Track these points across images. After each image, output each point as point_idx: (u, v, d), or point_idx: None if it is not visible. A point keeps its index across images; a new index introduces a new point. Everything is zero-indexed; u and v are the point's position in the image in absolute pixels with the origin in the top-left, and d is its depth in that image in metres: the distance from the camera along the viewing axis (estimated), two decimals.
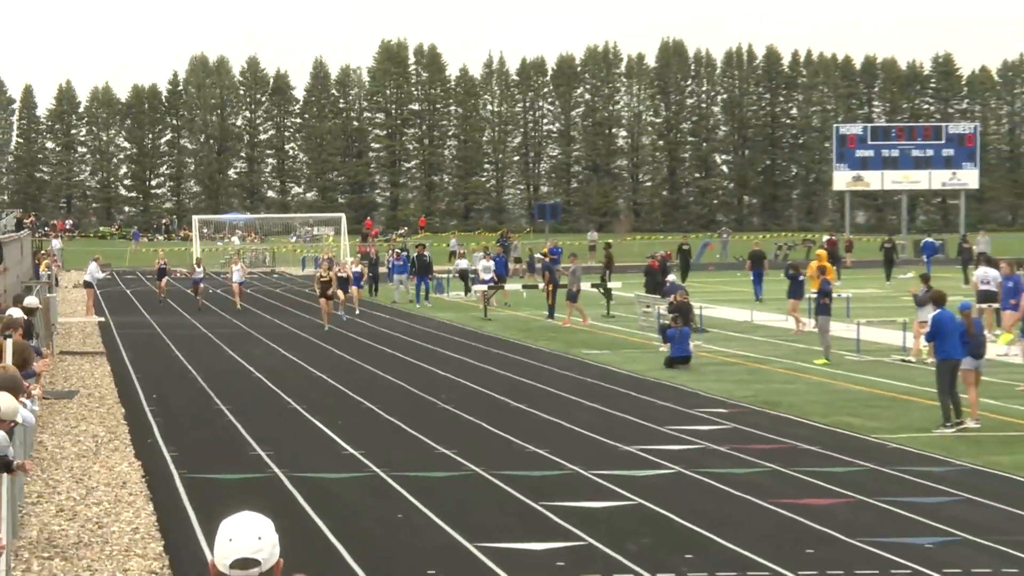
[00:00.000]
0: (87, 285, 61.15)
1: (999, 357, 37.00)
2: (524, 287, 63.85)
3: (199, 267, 64.36)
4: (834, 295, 41.36)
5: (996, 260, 44.42)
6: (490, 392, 32.81)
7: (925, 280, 39.23)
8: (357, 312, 55.01)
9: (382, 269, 71.36)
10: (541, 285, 56.24)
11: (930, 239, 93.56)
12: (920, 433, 25.96)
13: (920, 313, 37.52)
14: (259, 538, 5.98)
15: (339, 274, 51.84)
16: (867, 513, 19.28)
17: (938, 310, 27.08)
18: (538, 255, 57.48)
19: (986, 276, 42.66)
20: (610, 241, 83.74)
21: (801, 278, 47.95)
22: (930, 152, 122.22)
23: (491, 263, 62.83)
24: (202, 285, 62.17)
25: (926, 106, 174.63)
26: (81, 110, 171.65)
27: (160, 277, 67.16)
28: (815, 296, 40.67)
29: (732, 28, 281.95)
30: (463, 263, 71.44)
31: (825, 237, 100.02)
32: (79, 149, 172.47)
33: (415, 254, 68.25)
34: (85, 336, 49.58)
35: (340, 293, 50.81)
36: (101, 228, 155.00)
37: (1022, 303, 37.53)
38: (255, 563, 5.95)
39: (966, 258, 77.13)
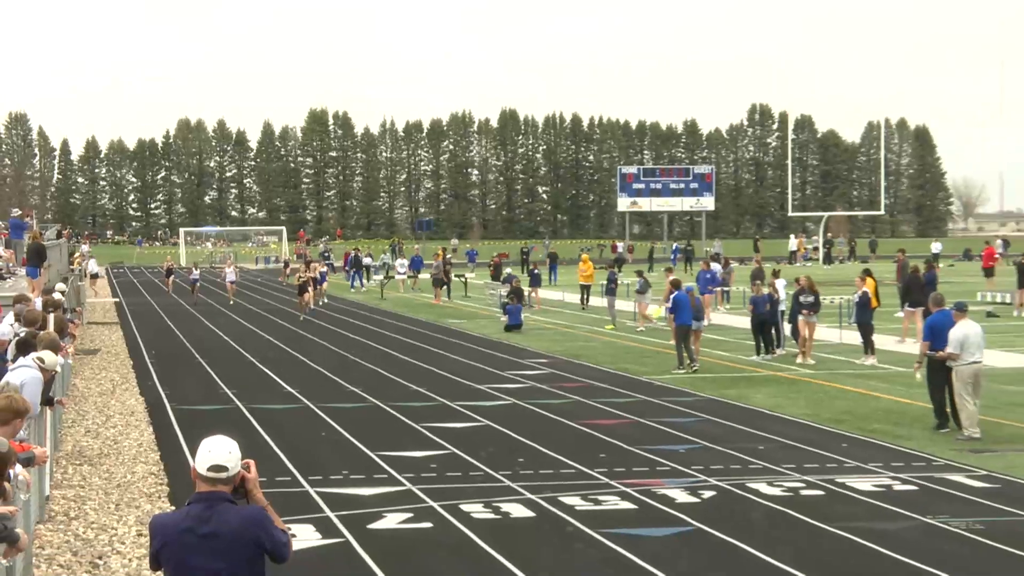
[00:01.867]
0: (94, 277, 60.22)
1: (721, 324, 37.52)
2: (408, 278, 63.50)
3: (195, 269, 60.77)
4: (619, 281, 41.67)
5: (726, 259, 44.92)
6: (385, 348, 32.68)
7: (640, 274, 39.31)
8: (320, 304, 50.79)
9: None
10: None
11: (676, 244, 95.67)
12: (675, 375, 26.24)
13: (640, 298, 37.79)
14: (230, 452, 5.97)
15: (311, 275, 49.37)
16: (640, 429, 19.43)
17: (676, 292, 27.41)
18: (435, 253, 57.47)
19: (713, 270, 43.10)
20: (446, 247, 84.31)
21: (536, 271, 49.82)
22: (682, 185, 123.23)
23: (406, 261, 63.30)
24: (198, 284, 57.10)
25: (679, 154, 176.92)
26: (102, 156, 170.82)
27: (168, 276, 62.86)
28: (605, 283, 40.83)
29: (549, 100, 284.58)
30: (367, 261, 71.12)
31: (612, 243, 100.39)
32: (100, 183, 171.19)
33: (352, 255, 67.53)
34: (105, 312, 48.82)
35: (311, 290, 48.22)
36: (116, 237, 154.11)
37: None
38: (224, 469, 5.94)
39: (687, 256, 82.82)
